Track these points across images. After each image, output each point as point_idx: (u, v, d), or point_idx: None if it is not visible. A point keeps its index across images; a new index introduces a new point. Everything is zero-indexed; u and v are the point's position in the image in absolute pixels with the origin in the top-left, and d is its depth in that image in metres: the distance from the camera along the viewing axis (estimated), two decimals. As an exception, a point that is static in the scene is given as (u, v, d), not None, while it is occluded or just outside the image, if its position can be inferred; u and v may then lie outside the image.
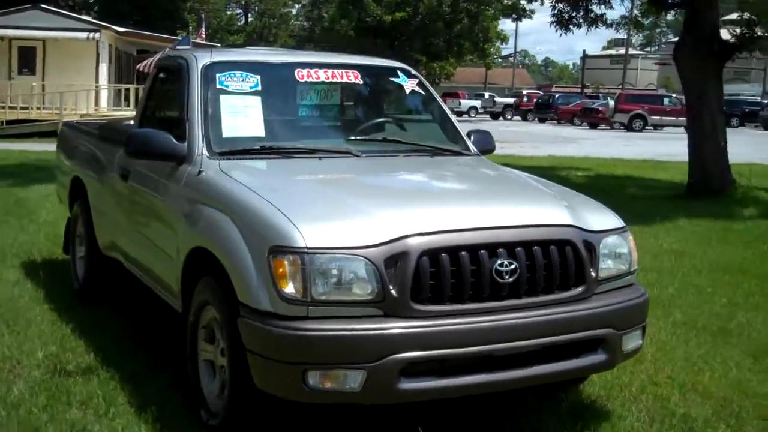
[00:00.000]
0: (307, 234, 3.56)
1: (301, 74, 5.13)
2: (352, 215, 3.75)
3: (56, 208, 9.48)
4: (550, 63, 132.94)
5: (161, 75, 5.69)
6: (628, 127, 42.12)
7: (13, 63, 29.45)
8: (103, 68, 30.26)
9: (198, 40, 31.07)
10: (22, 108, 26.21)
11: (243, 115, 4.75)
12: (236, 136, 4.69)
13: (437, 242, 3.62)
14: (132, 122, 5.76)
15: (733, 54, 13.30)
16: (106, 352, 5.12)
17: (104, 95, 30.23)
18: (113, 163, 5.70)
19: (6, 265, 7.38)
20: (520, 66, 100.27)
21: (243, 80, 4.91)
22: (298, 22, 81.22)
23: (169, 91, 5.56)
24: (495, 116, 56.80)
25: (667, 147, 27.17)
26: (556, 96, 56.07)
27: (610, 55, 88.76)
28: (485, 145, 5.45)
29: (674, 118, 42.17)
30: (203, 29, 42.66)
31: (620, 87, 66.08)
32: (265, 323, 3.51)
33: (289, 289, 3.49)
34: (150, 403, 4.32)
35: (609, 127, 43.53)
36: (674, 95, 48.27)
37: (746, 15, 13.41)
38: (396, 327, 3.50)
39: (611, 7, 29.76)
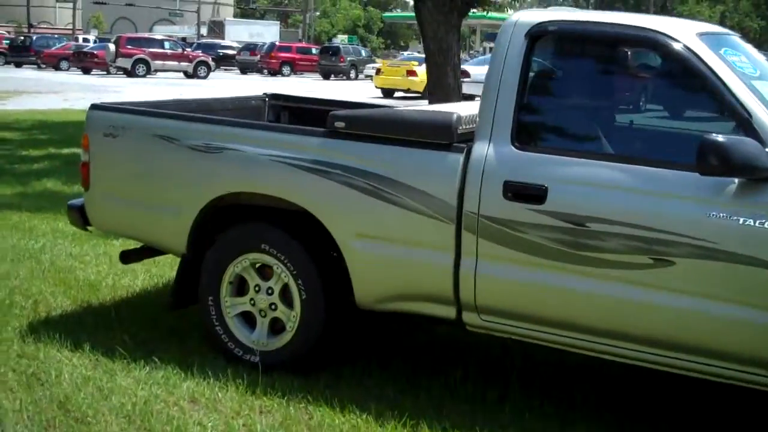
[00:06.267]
0: None
1: None
2: None
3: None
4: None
5: (553, 50, 4.31)
6: (131, 73, 40.23)
7: None
8: None
9: None
10: None
11: None
12: None
13: None
14: (429, 110, 4.40)
15: (471, 8, 14.34)
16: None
17: None
18: (448, 180, 3.99)
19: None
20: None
21: (742, 61, 3.87)
22: None
23: (596, 76, 4.41)
24: (-45, 60, 49.84)
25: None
26: (34, 37, 51.18)
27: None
28: None
29: (176, 63, 41.83)
30: None
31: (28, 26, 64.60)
32: None
33: None
34: None
35: (106, 72, 41.37)
36: (173, 38, 47.91)
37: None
38: None
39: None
